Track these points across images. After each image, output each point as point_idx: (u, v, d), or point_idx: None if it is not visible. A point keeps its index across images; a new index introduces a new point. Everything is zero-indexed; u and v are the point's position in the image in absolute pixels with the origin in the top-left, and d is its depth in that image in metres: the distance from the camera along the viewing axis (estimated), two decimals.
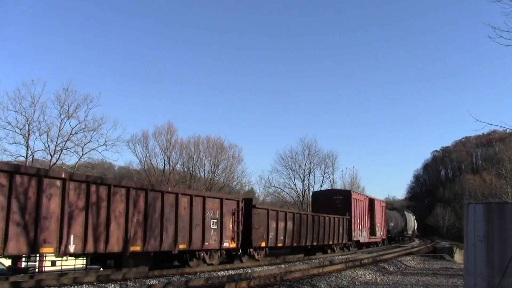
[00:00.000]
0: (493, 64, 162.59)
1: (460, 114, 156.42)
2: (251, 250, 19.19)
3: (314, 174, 59.43)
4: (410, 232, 58.39)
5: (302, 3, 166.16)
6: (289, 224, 22.40)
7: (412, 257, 25.86)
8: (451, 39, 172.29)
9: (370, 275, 16.35)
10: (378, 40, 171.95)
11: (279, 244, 21.57)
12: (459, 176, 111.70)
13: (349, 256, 24.69)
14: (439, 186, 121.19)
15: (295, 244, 23.36)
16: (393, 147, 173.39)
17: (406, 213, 58.33)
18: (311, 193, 48.08)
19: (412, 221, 60.13)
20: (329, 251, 28.51)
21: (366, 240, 35.27)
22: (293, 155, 59.92)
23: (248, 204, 18.82)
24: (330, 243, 27.90)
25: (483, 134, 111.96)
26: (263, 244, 19.95)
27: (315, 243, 25.74)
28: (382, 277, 16.50)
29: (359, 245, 34.81)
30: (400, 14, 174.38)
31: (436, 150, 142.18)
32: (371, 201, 37.86)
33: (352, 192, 34.29)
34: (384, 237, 41.35)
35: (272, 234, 20.65)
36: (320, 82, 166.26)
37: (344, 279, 14.40)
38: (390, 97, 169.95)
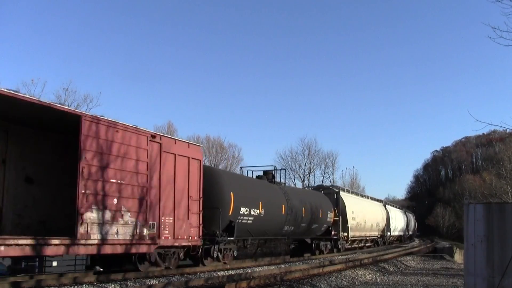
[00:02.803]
0: (493, 64, 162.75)
1: (460, 114, 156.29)
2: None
3: (314, 174, 59.47)
4: (352, 234, 30.61)
5: (302, 3, 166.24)
6: None
7: (412, 257, 25.87)
8: (451, 39, 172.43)
9: (370, 275, 16.35)
10: (378, 40, 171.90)
11: None
12: (459, 176, 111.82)
13: (349, 256, 24.61)
14: (439, 186, 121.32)
15: None
16: (393, 147, 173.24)
17: (345, 195, 31.20)
18: None
19: (379, 213, 38.69)
20: None
21: None
22: (293, 155, 59.87)
23: None
24: None
25: (483, 134, 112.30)
26: None
27: None
28: (382, 277, 16.51)
29: None
30: (400, 14, 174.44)
31: (436, 150, 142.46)
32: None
33: None
34: (193, 240, 14.56)
35: None
36: (320, 82, 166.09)
37: (344, 279, 14.40)
38: (390, 97, 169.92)
